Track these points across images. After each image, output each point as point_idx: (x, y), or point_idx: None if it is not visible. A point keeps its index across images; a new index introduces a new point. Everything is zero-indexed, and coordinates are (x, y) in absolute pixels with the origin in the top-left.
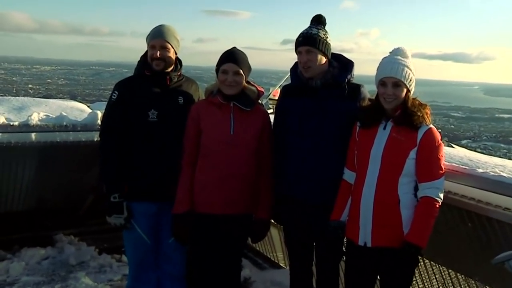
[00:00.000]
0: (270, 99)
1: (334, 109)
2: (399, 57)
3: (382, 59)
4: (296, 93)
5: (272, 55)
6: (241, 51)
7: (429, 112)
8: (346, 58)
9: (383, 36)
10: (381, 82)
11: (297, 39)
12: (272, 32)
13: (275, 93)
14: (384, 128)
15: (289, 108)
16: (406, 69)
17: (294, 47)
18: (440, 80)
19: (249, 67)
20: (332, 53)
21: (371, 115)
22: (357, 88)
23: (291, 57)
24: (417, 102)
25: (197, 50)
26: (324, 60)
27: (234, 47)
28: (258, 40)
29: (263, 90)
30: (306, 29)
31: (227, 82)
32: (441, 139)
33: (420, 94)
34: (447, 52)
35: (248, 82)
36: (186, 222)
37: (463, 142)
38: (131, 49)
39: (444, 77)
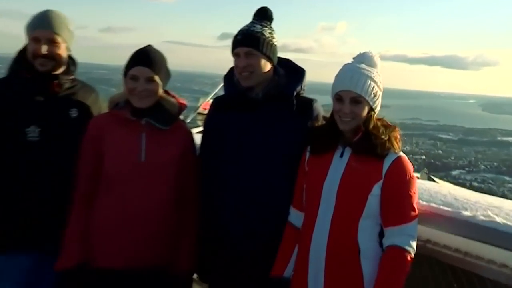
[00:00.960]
0: (199, 113)
1: (279, 129)
2: (363, 66)
3: (342, 67)
4: (232, 107)
5: (207, 53)
6: (158, 51)
7: (398, 137)
8: (296, 65)
9: (352, 32)
10: (337, 97)
11: (234, 38)
12: (207, 23)
13: (206, 105)
14: (341, 156)
15: (221, 127)
16: (369, 81)
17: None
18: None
19: (168, 73)
20: (279, 58)
21: (325, 139)
22: (308, 103)
23: (231, 58)
24: (382, 123)
25: (105, 42)
26: (268, 66)
27: (149, 46)
28: (188, 33)
29: (185, 103)
30: (247, 26)
31: (137, 91)
32: (413, 171)
33: (397, 109)
34: (435, 55)
35: (166, 92)
36: (76, 281)
37: (455, 173)
38: (10, 35)
39: (430, 87)
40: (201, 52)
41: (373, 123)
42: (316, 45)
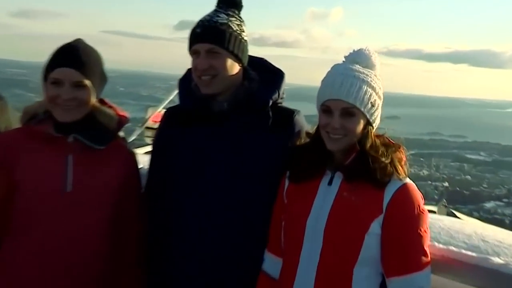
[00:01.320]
0: (148, 128)
1: (250, 150)
2: (357, 68)
3: (330, 69)
4: (188, 120)
5: (160, 47)
6: (89, 48)
7: (403, 158)
8: (272, 66)
9: (350, 20)
10: (325, 108)
11: (192, 31)
12: (160, 8)
13: (157, 117)
14: (329, 184)
15: (175, 147)
16: (365, 88)
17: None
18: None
19: (103, 75)
20: (250, 57)
21: (308, 162)
22: (288, 115)
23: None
24: (383, 141)
25: (20, 31)
26: (236, 68)
27: (78, 40)
28: (135, 21)
29: (126, 115)
30: (209, 15)
31: (61, 100)
32: (423, 203)
33: (410, 122)
34: (460, 49)
35: (101, 102)
36: None
37: (488, 205)
38: None
39: (454, 92)
40: (152, 46)
41: (370, 141)
42: (304, 38)
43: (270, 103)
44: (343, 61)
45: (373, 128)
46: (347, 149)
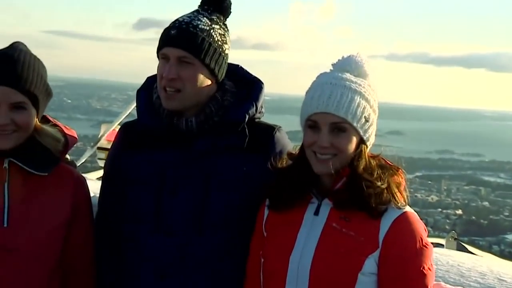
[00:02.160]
0: (100, 148)
1: (223, 176)
2: (347, 76)
3: (316, 79)
4: (149, 140)
5: (116, 50)
6: (29, 54)
7: (403, 183)
8: (249, 74)
9: (345, 16)
10: (310, 123)
11: (166, 31)
12: (116, 3)
13: (112, 135)
14: (316, 213)
15: (132, 172)
16: (358, 99)
17: (157, 40)
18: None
19: (47, 90)
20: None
21: (291, 187)
22: (267, 132)
23: (156, 58)
24: (378, 162)
25: None
26: (207, 82)
27: (13, 45)
28: (86, 19)
29: (74, 134)
30: (188, 16)
31: None
32: (426, 235)
33: (415, 138)
34: (475, 52)
35: (44, 119)
36: None
37: (511, 237)
38: None
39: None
40: (105, 49)
41: (364, 162)
42: (288, 39)
43: (247, 119)
44: (331, 69)
45: (367, 147)
46: (335, 173)
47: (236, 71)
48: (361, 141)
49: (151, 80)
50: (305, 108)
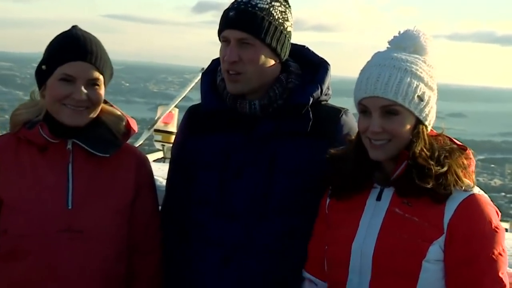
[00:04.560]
0: (157, 130)
1: (286, 161)
2: (399, 56)
3: (370, 59)
4: (214, 124)
5: (173, 33)
6: (94, 36)
7: (471, 164)
8: (315, 55)
9: None
10: (362, 108)
11: (225, 13)
12: None
13: (169, 118)
14: (378, 199)
15: (197, 157)
16: (409, 79)
17: (218, 24)
18: None
19: (112, 70)
20: (291, 45)
21: (352, 174)
22: (333, 116)
23: (213, 41)
24: (443, 142)
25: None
26: (271, 63)
27: (76, 27)
28: (144, 2)
29: (135, 127)
30: None
31: (71, 100)
32: (499, 218)
33: (479, 120)
34: None
35: (105, 102)
36: None
37: None
38: None
39: None
40: (163, 33)
41: (421, 143)
42: (348, 19)
43: (311, 101)
44: (387, 47)
45: (426, 127)
46: (394, 158)
47: (302, 52)
48: (418, 122)
49: (216, 62)
50: (356, 92)
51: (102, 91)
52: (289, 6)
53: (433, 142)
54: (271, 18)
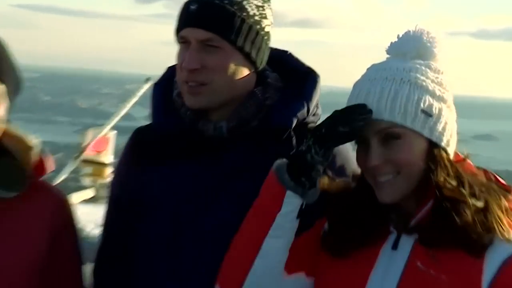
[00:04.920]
0: (86, 161)
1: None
2: (392, 64)
3: (364, 73)
4: (168, 152)
5: (111, 31)
6: None
7: None
8: (301, 65)
9: None
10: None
11: (184, 7)
12: None
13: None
14: (395, 247)
15: (146, 194)
16: (407, 91)
17: (170, 17)
18: None
19: (17, 81)
20: (270, 49)
21: (358, 222)
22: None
23: (165, 40)
24: (480, 179)
25: None
26: (245, 73)
27: None
28: None
29: (50, 160)
30: None
31: None
32: None
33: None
34: None
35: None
36: None
37: None
38: None
39: None
40: (98, 29)
41: (443, 172)
42: (340, 12)
43: (295, 123)
44: (386, 57)
45: (445, 151)
46: (415, 194)
47: (283, 59)
48: (432, 145)
49: (172, 70)
50: None
51: (2, 108)
52: (268, 0)
53: (459, 170)
54: (245, 14)
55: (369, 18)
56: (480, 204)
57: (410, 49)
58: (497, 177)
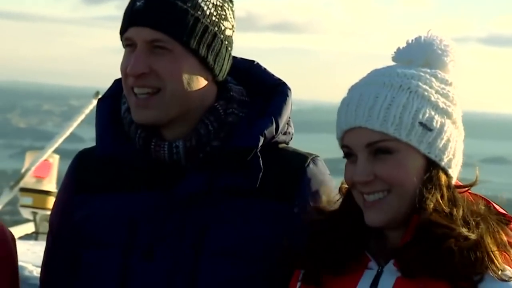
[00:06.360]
0: (24, 189)
1: (224, 232)
2: (394, 70)
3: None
4: (116, 178)
5: (52, 36)
6: None
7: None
8: (270, 76)
9: None
10: (344, 150)
11: (128, 5)
12: None
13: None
14: (375, 285)
15: (92, 227)
16: (404, 99)
17: (120, 18)
18: None
19: None
20: (234, 60)
21: (336, 249)
22: (295, 166)
23: (117, 48)
24: (473, 207)
25: None
26: (201, 82)
27: None
28: None
29: None
30: None
31: None
32: None
33: None
34: None
35: None
36: None
37: None
38: None
39: None
40: (36, 35)
41: (436, 194)
42: (326, 15)
43: (261, 142)
44: (392, 62)
45: (445, 172)
46: (400, 219)
47: (249, 70)
48: (431, 164)
49: (119, 84)
50: (336, 128)
51: None
52: (230, 1)
53: (457, 197)
54: (199, 13)
55: (361, 21)
56: (472, 236)
57: (418, 56)
58: (497, 206)
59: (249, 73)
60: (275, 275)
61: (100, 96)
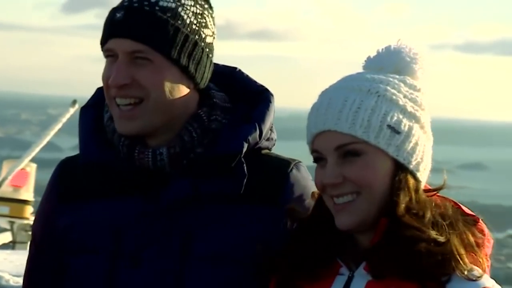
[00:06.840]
0: (1, 199)
1: (209, 237)
2: (363, 76)
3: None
4: (100, 186)
5: (31, 44)
6: None
7: (485, 244)
8: (252, 83)
9: None
10: (314, 154)
11: (110, 15)
12: None
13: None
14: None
15: (76, 235)
16: (372, 103)
17: (100, 28)
18: None
19: None
20: (216, 67)
21: (308, 251)
22: (278, 171)
23: (97, 56)
24: (436, 202)
25: None
26: (183, 91)
27: None
28: None
29: None
30: None
31: None
32: None
33: (503, 173)
34: None
35: None
36: None
37: None
38: None
39: None
40: (15, 44)
41: (406, 197)
42: (305, 23)
43: (245, 148)
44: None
45: (413, 175)
46: (369, 221)
47: (231, 77)
48: (398, 167)
49: (102, 92)
50: (307, 132)
51: None
52: (210, 8)
53: (425, 200)
54: (180, 22)
55: (341, 28)
56: (441, 238)
57: (387, 64)
58: (464, 208)
59: (231, 79)
60: (261, 280)
61: (77, 105)
